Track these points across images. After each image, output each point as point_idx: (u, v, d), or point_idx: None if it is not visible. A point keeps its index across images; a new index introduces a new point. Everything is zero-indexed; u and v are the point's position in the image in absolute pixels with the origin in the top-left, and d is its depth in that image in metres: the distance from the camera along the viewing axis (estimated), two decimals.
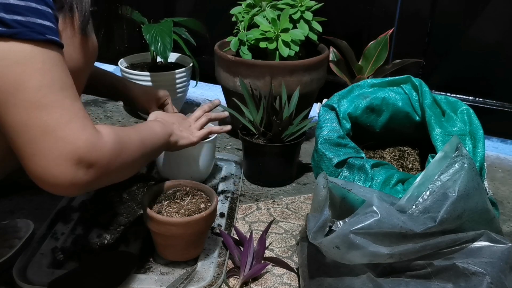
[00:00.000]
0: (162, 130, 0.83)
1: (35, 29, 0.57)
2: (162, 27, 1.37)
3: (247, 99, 1.16)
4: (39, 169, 0.57)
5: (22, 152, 0.58)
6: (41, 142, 0.56)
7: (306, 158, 1.27)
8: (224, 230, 0.95)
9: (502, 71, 1.36)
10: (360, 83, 0.99)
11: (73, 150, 0.57)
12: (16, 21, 0.56)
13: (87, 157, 0.58)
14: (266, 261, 0.88)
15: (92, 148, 0.59)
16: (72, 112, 0.59)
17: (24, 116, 0.56)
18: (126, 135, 0.68)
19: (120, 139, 0.65)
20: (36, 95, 0.56)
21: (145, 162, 0.79)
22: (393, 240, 0.64)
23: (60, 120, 0.57)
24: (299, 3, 1.27)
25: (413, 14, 1.39)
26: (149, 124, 0.83)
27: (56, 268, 0.83)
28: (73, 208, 1.00)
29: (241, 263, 0.84)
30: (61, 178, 0.57)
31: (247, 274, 0.83)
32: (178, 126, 0.92)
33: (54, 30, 0.60)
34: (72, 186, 0.58)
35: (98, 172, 0.60)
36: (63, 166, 0.57)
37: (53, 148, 0.56)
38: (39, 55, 0.57)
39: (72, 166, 0.57)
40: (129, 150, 0.67)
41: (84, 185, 0.59)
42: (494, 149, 1.43)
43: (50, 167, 0.57)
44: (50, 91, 0.57)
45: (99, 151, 0.60)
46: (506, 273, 0.64)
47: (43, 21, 0.58)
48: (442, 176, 0.68)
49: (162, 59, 1.36)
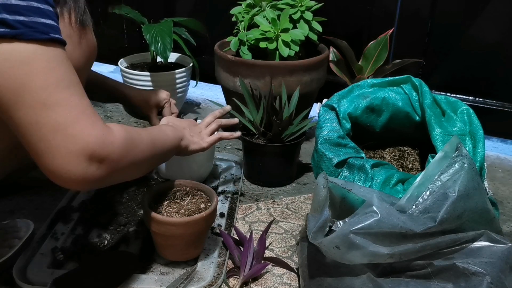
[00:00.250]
0: (173, 134, 0.84)
1: (38, 29, 0.57)
2: (162, 27, 1.37)
3: (247, 99, 1.16)
4: (52, 165, 0.58)
5: (34, 150, 0.58)
6: (52, 140, 0.57)
7: (306, 158, 1.28)
8: (224, 230, 0.95)
9: (502, 71, 1.36)
10: (360, 83, 0.99)
11: (84, 146, 0.58)
12: (18, 21, 0.56)
13: (97, 152, 0.59)
14: (266, 261, 0.88)
15: (102, 143, 0.59)
16: (80, 109, 0.59)
17: (33, 116, 0.57)
18: (136, 133, 0.69)
19: (131, 136, 0.66)
20: (43, 94, 0.57)
21: (156, 164, 0.80)
22: (393, 240, 0.64)
23: (69, 117, 0.58)
24: (299, 3, 1.27)
25: (413, 14, 1.39)
26: (161, 127, 0.84)
27: (56, 268, 0.83)
28: (73, 208, 1.00)
29: (241, 263, 0.84)
30: (74, 174, 0.58)
31: (247, 274, 0.83)
32: (189, 131, 0.92)
33: (57, 28, 0.60)
34: (85, 181, 0.59)
35: (109, 167, 0.61)
36: (75, 162, 0.58)
37: (64, 145, 0.57)
38: (43, 54, 0.58)
39: (83, 161, 0.58)
40: (139, 148, 0.68)
41: (96, 180, 0.60)
42: (494, 149, 1.43)
43: (63, 163, 0.58)
44: (56, 90, 0.58)
45: (110, 146, 0.60)
46: (506, 273, 0.64)
47: (45, 20, 0.58)
48: (442, 176, 0.68)
49: (162, 59, 1.36)
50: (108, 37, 1.88)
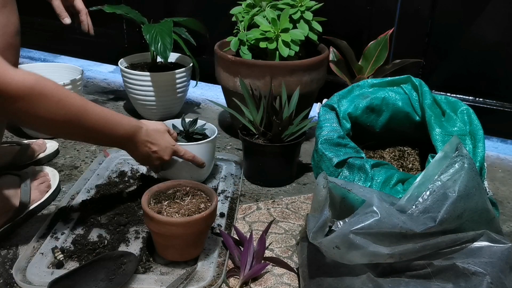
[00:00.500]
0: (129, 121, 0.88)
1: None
2: (162, 27, 1.37)
3: (247, 99, 1.16)
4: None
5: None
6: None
7: (306, 158, 1.28)
8: (224, 230, 0.95)
9: (502, 71, 1.36)
10: (360, 83, 0.99)
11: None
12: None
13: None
14: (266, 261, 0.88)
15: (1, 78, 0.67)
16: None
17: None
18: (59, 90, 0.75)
19: (44, 87, 0.73)
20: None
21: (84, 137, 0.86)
22: (393, 240, 0.64)
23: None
24: (299, 3, 1.27)
25: (413, 14, 1.39)
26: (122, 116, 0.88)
27: (56, 268, 0.83)
28: (73, 208, 1.00)
29: (241, 263, 0.84)
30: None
31: (247, 274, 0.83)
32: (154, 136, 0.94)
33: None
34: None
35: (6, 102, 0.69)
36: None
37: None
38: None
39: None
40: (50, 102, 0.73)
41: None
42: (494, 149, 1.43)
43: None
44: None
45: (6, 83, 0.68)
46: (506, 273, 0.64)
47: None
48: (442, 176, 0.68)
49: (162, 59, 1.36)
50: (108, 37, 1.88)
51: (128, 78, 1.46)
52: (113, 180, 1.12)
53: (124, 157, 1.23)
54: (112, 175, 1.14)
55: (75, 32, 1.27)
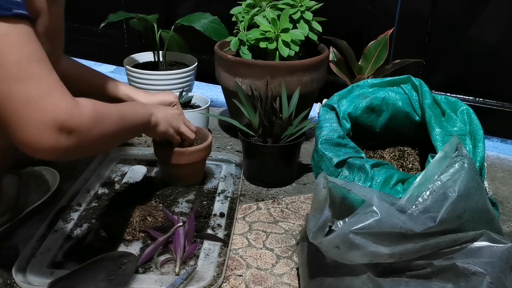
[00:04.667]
0: (143, 110, 0.88)
1: (2, 6, 0.59)
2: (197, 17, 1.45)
3: (244, 102, 1.16)
4: (24, 137, 0.61)
5: (7, 122, 0.61)
6: (24, 112, 0.60)
7: (306, 158, 1.28)
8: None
9: (502, 71, 1.36)
10: (360, 83, 0.99)
11: (54, 118, 0.61)
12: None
13: (67, 123, 0.62)
14: (198, 238, 0.91)
15: (71, 115, 0.63)
16: (50, 83, 0.62)
17: (6, 89, 0.59)
18: (104, 107, 0.73)
19: (98, 109, 0.70)
20: (16, 68, 0.60)
21: (125, 137, 0.87)
22: (393, 240, 0.64)
23: (39, 90, 0.61)
24: (299, 3, 1.27)
25: (413, 14, 1.39)
26: (131, 103, 0.91)
27: (56, 268, 0.83)
28: (73, 208, 1.00)
29: (174, 247, 0.86)
30: (45, 144, 0.62)
31: (183, 256, 0.85)
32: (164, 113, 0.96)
33: (20, 3, 0.61)
34: (55, 151, 0.63)
35: (78, 138, 0.64)
36: (46, 133, 0.61)
37: (35, 117, 0.60)
38: (13, 31, 0.60)
39: (53, 133, 0.61)
40: (108, 120, 0.71)
41: (66, 150, 0.64)
42: (494, 149, 1.43)
43: (34, 134, 0.61)
44: (28, 64, 0.61)
45: (78, 118, 0.64)
46: (506, 273, 0.64)
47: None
48: (442, 176, 0.68)
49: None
50: (108, 37, 1.88)
51: (134, 77, 1.47)
52: (113, 180, 1.12)
53: (124, 157, 1.23)
54: (112, 175, 1.14)
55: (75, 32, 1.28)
